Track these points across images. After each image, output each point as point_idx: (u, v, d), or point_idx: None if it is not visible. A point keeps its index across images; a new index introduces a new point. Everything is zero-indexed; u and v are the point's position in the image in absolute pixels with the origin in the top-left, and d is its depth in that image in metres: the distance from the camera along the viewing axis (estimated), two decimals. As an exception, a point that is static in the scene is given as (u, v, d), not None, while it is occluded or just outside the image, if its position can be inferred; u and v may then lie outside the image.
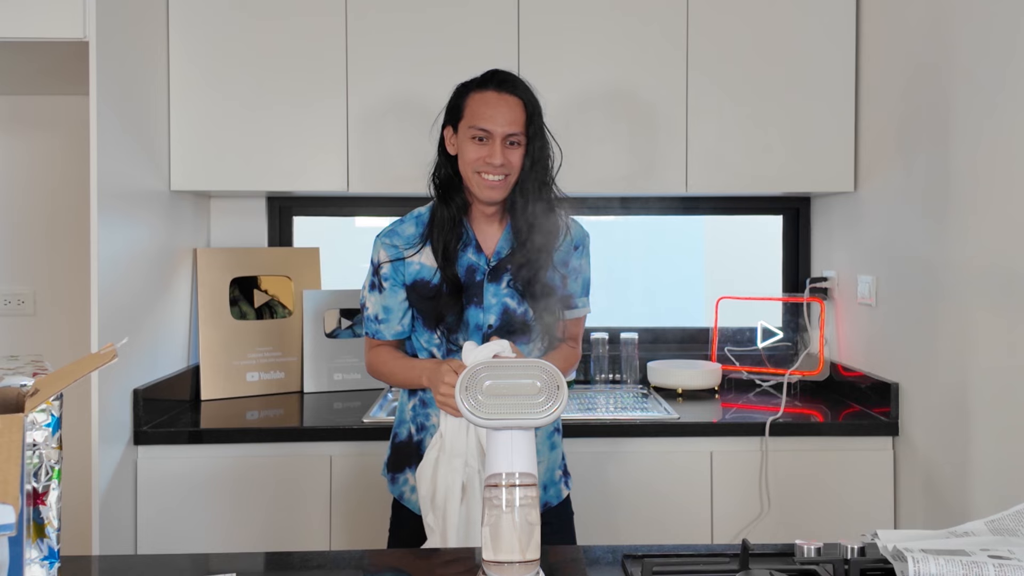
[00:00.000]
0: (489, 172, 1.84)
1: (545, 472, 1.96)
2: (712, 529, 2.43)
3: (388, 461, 2.01)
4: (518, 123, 1.85)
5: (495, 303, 1.91)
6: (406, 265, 1.93)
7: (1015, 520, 1.22)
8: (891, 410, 2.40)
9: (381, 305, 1.96)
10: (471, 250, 1.92)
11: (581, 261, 2.01)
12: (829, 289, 2.90)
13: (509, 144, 1.84)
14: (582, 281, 2.02)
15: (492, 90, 1.86)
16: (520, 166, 1.86)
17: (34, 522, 1.03)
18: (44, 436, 1.05)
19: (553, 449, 2.00)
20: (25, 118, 2.84)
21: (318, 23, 2.60)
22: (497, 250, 1.93)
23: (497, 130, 1.83)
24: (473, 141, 1.85)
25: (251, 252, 2.92)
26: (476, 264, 1.92)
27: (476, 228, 1.95)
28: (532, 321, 1.92)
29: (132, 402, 2.34)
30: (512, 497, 1.18)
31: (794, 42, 2.63)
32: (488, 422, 1.20)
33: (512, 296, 1.91)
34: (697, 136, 2.64)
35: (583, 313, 2.04)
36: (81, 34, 2.11)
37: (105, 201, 2.17)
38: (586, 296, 2.05)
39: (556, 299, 1.93)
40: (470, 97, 1.88)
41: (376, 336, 1.98)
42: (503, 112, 1.84)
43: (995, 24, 1.94)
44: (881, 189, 2.51)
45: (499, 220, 1.95)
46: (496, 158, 1.83)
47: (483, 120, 1.84)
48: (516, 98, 1.86)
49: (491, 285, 1.91)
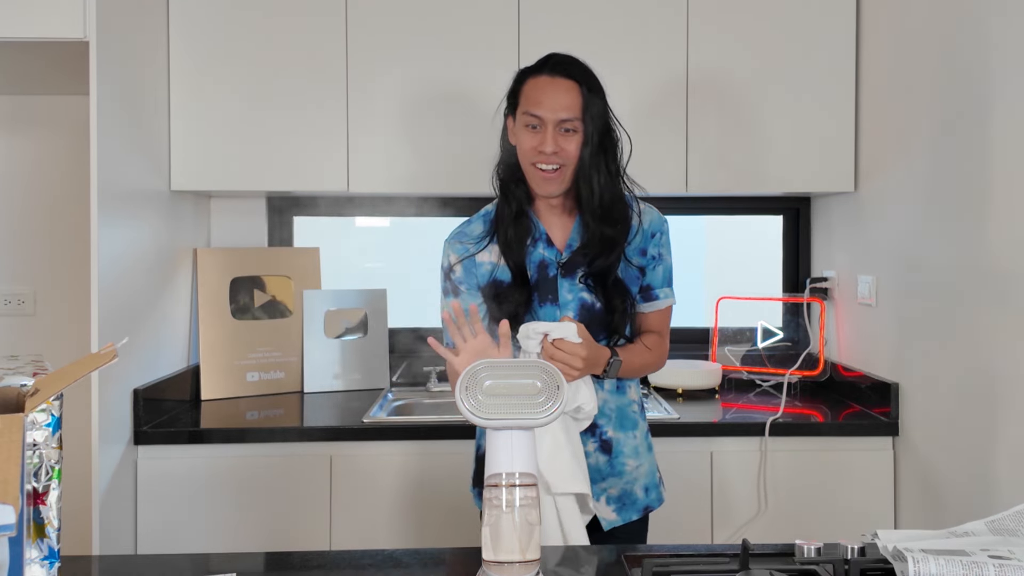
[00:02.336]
0: (542, 161, 1.74)
1: (647, 474, 1.90)
2: (712, 529, 2.43)
3: (475, 475, 1.94)
4: (573, 108, 1.73)
5: (571, 299, 1.81)
6: (477, 265, 1.84)
7: (1015, 520, 1.22)
8: (891, 410, 2.40)
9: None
10: (542, 244, 1.83)
11: (660, 250, 1.88)
12: (829, 289, 2.91)
13: (564, 131, 1.74)
14: (662, 271, 1.89)
15: (546, 74, 1.76)
16: (577, 155, 1.75)
17: (34, 522, 1.04)
18: (44, 436, 1.05)
19: (650, 451, 1.93)
20: (25, 118, 2.84)
21: (318, 23, 2.60)
22: (569, 243, 1.84)
23: (548, 116, 1.72)
24: (527, 129, 1.75)
25: (251, 252, 2.92)
26: (548, 259, 1.83)
27: (545, 221, 1.85)
28: (612, 316, 1.81)
29: (132, 402, 2.34)
30: (512, 497, 1.18)
31: (794, 42, 2.63)
32: (488, 422, 1.20)
33: (588, 291, 1.81)
34: (697, 136, 2.64)
35: (665, 304, 1.90)
36: (81, 34, 2.11)
37: (105, 201, 2.17)
38: (668, 287, 1.91)
39: (629, 293, 1.83)
40: (526, 83, 1.78)
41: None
42: (556, 97, 1.73)
43: (995, 24, 1.94)
44: (881, 189, 2.51)
45: (568, 212, 1.85)
46: (548, 146, 1.72)
47: (534, 106, 1.73)
48: (571, 81, 1.74)
49: (565, 280, 1.82)
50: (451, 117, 2.59)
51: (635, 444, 1.88)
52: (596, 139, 1.76)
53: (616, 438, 1.85)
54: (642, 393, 2.00)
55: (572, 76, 1.76)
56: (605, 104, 1.79)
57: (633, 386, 1.92)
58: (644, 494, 1.88)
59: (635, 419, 1.90)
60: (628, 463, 1.86)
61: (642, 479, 1.89)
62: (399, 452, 2.37)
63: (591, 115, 1.75)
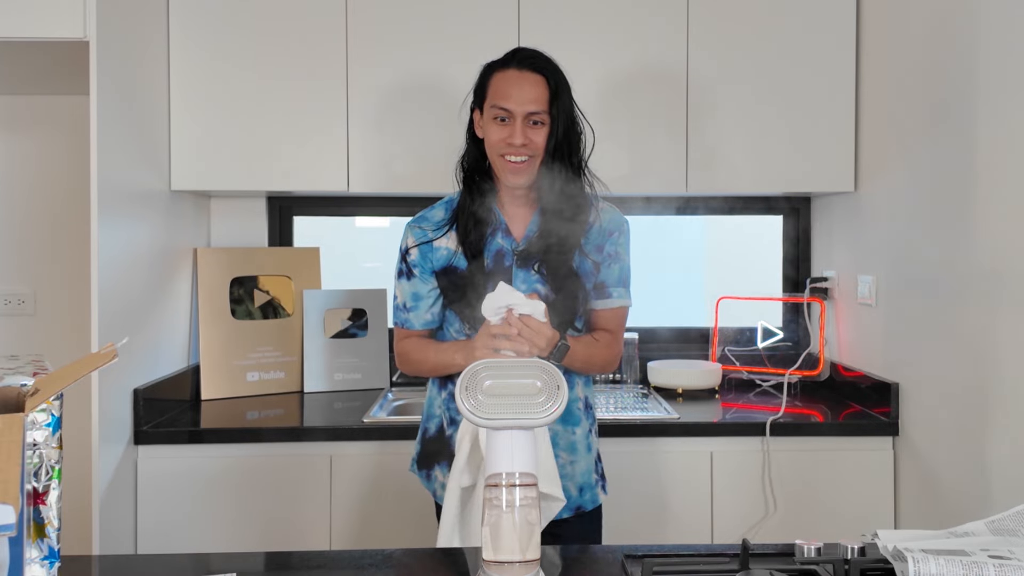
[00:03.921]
0: (511, 153, 1.78)
1: (581, 474, 1.90)
2: (712, 529, 2.43)
3: (418, 458, 1.96)
4: (540, 101, 1.78)
5: (525, 289, 1.81)
6: (434, 250, 1.88)
7: (1015, 520, 1.23)
8: (891, 410, 2.41)
9: (410, 292, 1.90)
10: (500, 233, 1.86)
11: (617, 248, 1.90)
12: (829, 289, 2.91)
13: (532, 124, 1.78)
14: (618, 270, 1.90)
15: (514, 68, 1.80)
16: (544, 146, 1.79)
17: (34, 522, 1.04)
18: (44, 436, 1.05)
19: (589, 451, 1.93)
20: (25, 118, 2.84)
21: (318, 23, 2.60)
22: (527, 234, 1.87)
23: (517, 109, 1.77)
24: (495, 122, 1.79)
25: (251, 252, 2.92)
26: (504, 248, 1.86)
27: (506, 211, 1.89)
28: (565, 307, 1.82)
29: (132, 402, 2.34)
30: (512, 497, 1.18)
31: (795, 42, 2.64)
32: (488, 422, 1.21)
33: (543, 282, 1.84)
34: (697, 136, 2.64)
35: (618, 304, 1.90)
36: (81, 34, 2.12)
37: (105, 201, 2.17)
38: (623, 287, 1.91)
39: (582, 286, 1.85)
40: (493, 76, 1.83)
41: (405, 325, 1.92)
42: (524, 90, 1.77)
43: (995, 24, 1.94)
44: (881, 189, 2.52)
45: (530, 203, 1.89)
46: (517, 138, 1.76)
47: (503, 99, 1.78)
48: (538, 75, 1.79)
49: (520, 271, 1.84)
50: (451, 118, 2.58)
51: (572, 440, 1.89)
52: (561, 132, 1.80)
53: (554, 430, 1.84)
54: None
55: (539, 70, 1.80)
56: (571, 98, 1.83)
57: (581, 383, 1.93)
58: (578, 493, 1.89)
59: (578, 416, 1.91)
60: (561, 457, 1.86)
61: (576, 477, 1.89)
62: (399, 452, 2.37)
63: (558, 108, 1.79)
